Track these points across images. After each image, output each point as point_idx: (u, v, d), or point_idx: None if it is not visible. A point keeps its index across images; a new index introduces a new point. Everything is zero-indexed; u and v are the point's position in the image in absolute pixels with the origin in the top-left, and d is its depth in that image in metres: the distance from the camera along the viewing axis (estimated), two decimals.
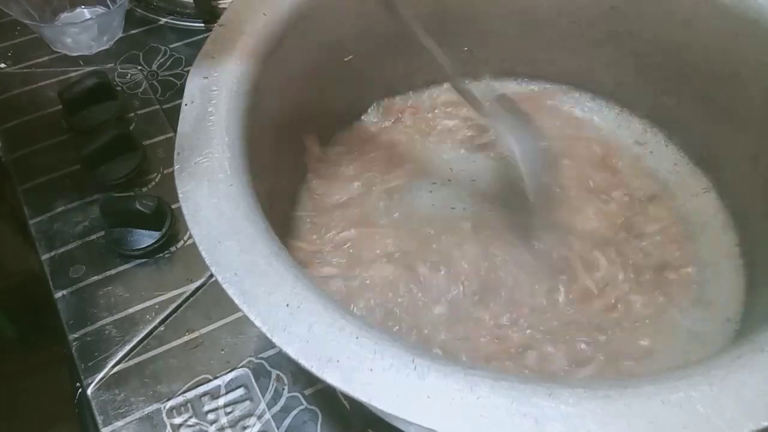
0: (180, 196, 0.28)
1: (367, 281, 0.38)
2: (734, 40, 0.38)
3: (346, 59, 0.42)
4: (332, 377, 0.23)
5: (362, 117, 0.47)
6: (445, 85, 0.48)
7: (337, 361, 0.23)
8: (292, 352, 0.23)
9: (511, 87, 0.49)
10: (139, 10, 0.62)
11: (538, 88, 0.49)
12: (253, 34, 0.34)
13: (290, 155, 0.41)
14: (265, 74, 0.34)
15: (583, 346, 0.36)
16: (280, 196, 0.40)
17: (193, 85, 0.32)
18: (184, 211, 0.27)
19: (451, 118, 0.47)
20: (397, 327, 0.37)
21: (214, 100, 0.31)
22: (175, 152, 0.29)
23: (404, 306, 0.38)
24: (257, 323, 0.24)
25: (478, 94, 0.48)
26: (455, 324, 0.37)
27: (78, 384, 0.40)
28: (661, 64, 0.43)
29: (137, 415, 0.38)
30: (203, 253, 0.26)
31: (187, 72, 0.33)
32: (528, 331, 0.37)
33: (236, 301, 0.24)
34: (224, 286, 0.25)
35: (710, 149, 0.43)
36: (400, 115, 0.47)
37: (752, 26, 0.37)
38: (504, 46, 0.47)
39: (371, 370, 0.23)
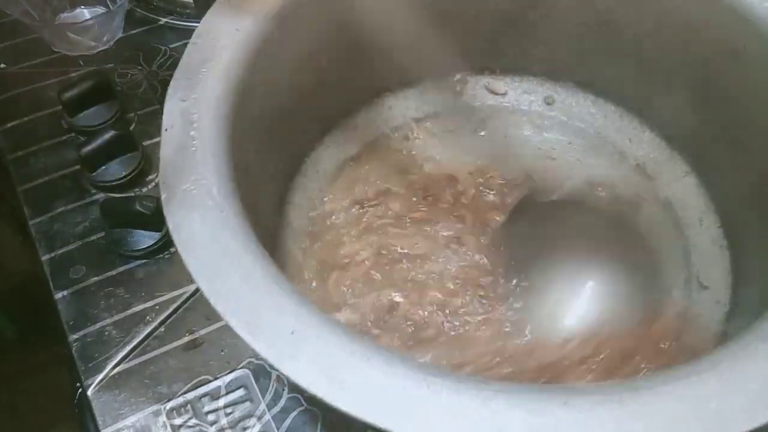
0: (170, 227, 0.27)
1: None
2: (708, 27, 0.39)
3: (322, 67, 0.42)
4: (345, 403, 0.22)
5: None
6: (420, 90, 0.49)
7: (350, 387, 0.22)
8: (302, 380, 0.23)
9: (498, 85, 0.49)
10: (139, 10, 0.62)
11: (524, 84, 0.49)
12: (227, 50, 0.33)
13: (277, 169, 0.41)
14: (244, 90, 0.33)
15: None
16: (266, 212, 0.40)
17: (172, 107, 0.31)
18: (176, 242, 0.26)
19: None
20: None
21: (195, 124, 0.30)
22: (160, 180, 0.29)
23: None
24: (263, 353, 0.23)
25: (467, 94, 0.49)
26: None
27: (78, 384, 0.40)
28: (635, 52, 0.43)
29: (137, 416, 0.38)
30: (201, 285, 0.25)
31: None
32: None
33: (240, 332, 0.24)
34: (225, 317, 0.24)
35: (689, 134, 0.44)
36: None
37: (725, 14, 0.37)
38: (490, 43, 0.47)
39: (385, 392, 0.22)
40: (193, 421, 0.38)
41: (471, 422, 0.22)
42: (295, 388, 0.39)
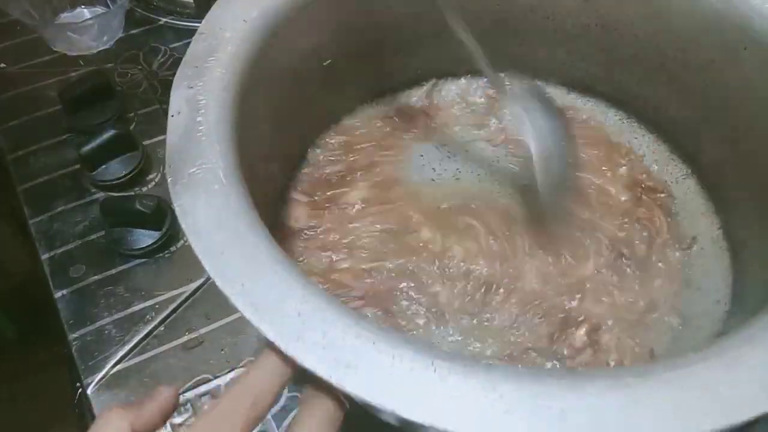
0: (177, 209, 0.27)
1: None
2: (707, 29, 0.38)
3: (325, 63, 0.42)
4: (353, 386, 0.22)
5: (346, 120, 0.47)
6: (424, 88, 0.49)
7: (356, 369, 0.22)
8: (308, 362, 0.22)
9: (485, 84, 0.49)
10: (139, 10, 0.62)
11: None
12: (234, 41, 0.34)
13: (278, 160, 0.41)
14: (250, 81, 0.33)
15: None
16: (271, 198, 0.40)
17: (179, 95, 0.31)
18: (182, 224, 0.26)
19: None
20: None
21: (202, 110, 0.30)
22: (166, 165, 0.29)
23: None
24: (270, 335, 0.23)
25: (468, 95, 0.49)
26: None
27: (78, 384, 0.40)
28: (635, 55, 0.43)
29: None
30: (206, 266, 0.25)
31: None
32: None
33: (246, 314, 0.24)
34: (232, 299, 0.24)
35: (688, 136, 0.44)
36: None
37: (724, 16, 0.37)
38: (490, 46, 0.47)
39: (392, 375, 0.22)
40: (193, 420, 0.38)
41: (478, 405, 0.21)
42: (295, 386, 0.39)
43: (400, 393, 0.22)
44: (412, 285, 0.39)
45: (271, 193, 0.41)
